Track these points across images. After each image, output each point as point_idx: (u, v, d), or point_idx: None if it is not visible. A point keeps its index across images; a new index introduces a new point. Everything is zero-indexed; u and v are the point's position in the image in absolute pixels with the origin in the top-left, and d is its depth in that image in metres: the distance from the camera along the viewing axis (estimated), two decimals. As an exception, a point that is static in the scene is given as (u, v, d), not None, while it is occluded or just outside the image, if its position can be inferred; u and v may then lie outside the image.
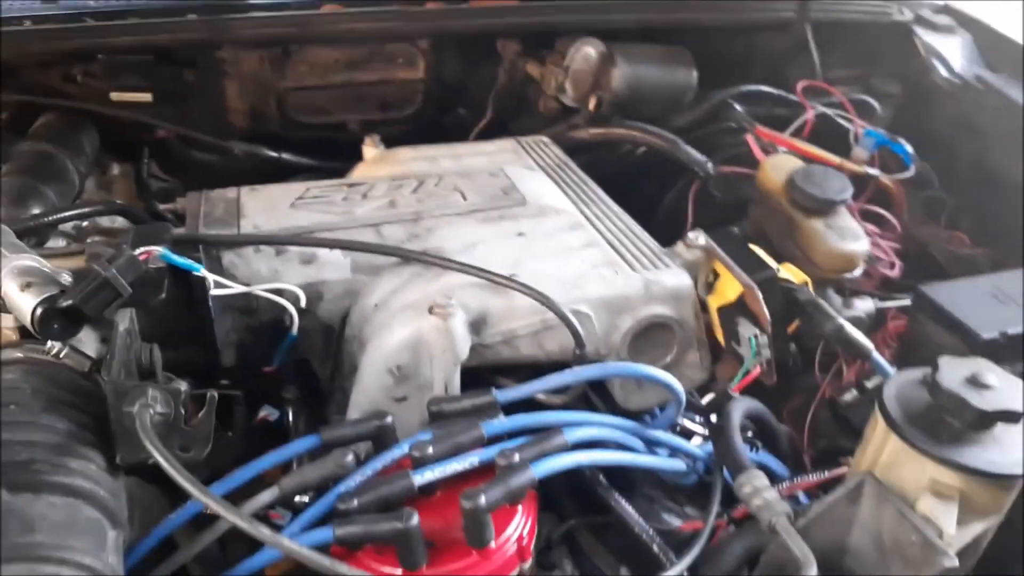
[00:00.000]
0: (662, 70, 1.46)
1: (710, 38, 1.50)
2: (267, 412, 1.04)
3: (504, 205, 1.12)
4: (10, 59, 1.20)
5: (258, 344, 1.00)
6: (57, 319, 0.74)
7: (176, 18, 1.24)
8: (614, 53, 1.41)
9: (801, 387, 1.22)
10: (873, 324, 1.24)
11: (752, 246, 1.04)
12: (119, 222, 1.16)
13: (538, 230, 1.08)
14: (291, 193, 1.14)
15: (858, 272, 1.24)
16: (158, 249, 0.82)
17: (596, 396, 0.98)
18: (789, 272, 1.01)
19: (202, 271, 0.88)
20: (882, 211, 1.40)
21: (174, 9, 1.26)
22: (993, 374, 0.81)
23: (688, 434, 1.04)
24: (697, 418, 1.03)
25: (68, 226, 1.12)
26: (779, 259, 1.21)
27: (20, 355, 0.77)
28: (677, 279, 0.97)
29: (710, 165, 1.42)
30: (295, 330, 0.96)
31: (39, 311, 0.73)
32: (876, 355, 0.94)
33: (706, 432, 1.03)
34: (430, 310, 0.88)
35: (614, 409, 0.97)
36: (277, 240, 0.99)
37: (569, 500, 0.91)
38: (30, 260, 0.79)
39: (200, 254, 0.96)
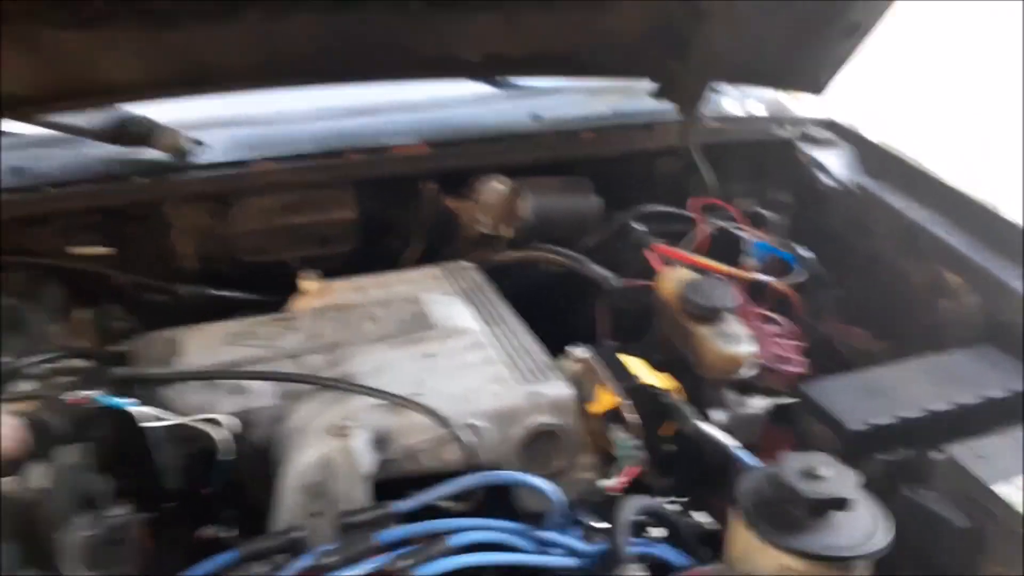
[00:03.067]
0: (564, 198, 1.63)
1: (609, 166, 1.68)
2: (213, 530, 1.14)
3: (413, 330, 1.26)
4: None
5: (202, 471, 1.12)
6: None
7: (123, 182, 1.41)
8: (521, 187, 1.59)
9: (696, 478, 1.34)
10: (774, 419, 1.36)
11: (623, 357, 1.17)
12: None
13: (443, 351, 1.22)
14: (225, 330, 1.27)
15: (749, 372, 1.36)
16: (91, 394, 0.94)
17: (501, 501, 1.10)
18: (660, 380, 1.14)
19: (132, 408, 1.00)
20: (772, 314, 1.54)
21: (121, 175, 1.43)
22: (828, 466, 0.94)
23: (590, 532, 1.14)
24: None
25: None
26: (683, 364, 1.35)
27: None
28: (558, 390, 1.10)
29: (615, 280, 1.57)
30: (225, 455, 1.08)
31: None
32: (736, 452, 1.06)
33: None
34: (333, 433, 1.00)
35: (516, 513, 1.08)
36: (201, 375, 1.12)
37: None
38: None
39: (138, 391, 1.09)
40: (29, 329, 1.35)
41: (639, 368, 1.15)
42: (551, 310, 1.58)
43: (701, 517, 1.39)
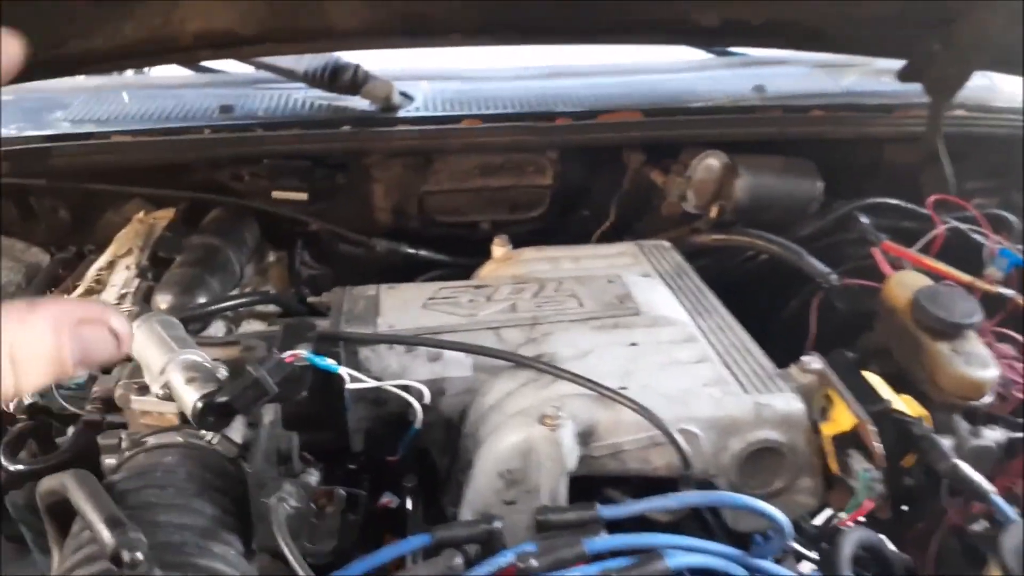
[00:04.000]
0: (785, 180, 1.48)
1: (836, 149, 1.51)
2: (389, 499, 1.11)
3: (619, 314, 1.17)
4: (189, 161, 1.37)
5: (385, 433, 1.08)
6: (213, 413, 0.84)
7: (332, 129, 1.38)
8: (737, 164, 1.45)
9: (926, 512, 1.18)
10: (1004, 455, 1.19)
11: (866, 374, 1.03)
12: (272, 307, 1.29)
13: (650, 341, 1.11)
14: (424, 293, 1.23)
15: (987, 399, 1.19)
16: (303, 352, 0.91)
17: (708, 514, 1.00)
18: (906, 404, 1.00)
19: (340, 370, 0.97)
20: (1015, 335, 1.35)
21: (331, 121, 1.40)
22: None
23: (799, 558, 1.03)
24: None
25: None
26: (903, 379, 1.20)
27: (180, 439, 0.87)
28: (789, 404, 0.98)
29: (834, 277, 1.42)
30: (419, 423, 1.03)
31: (199, 405, 0.83)
32: (996, 498, 0.91)
33: (817, 558, 1.02)
34: (540, 420, 0.93)
35: (723, 528, 0.98)
36: (407, 340, 1.07)
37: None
38: (195, 355, 0.89)
39: (339, 349, 1.06)
40: (231, 269, 1.36)
41: (883, 388, 1.01)
42: (750, 304, 1.45)
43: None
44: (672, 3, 1.25)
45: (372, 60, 1.47)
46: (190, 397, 0.84)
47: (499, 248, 1.43)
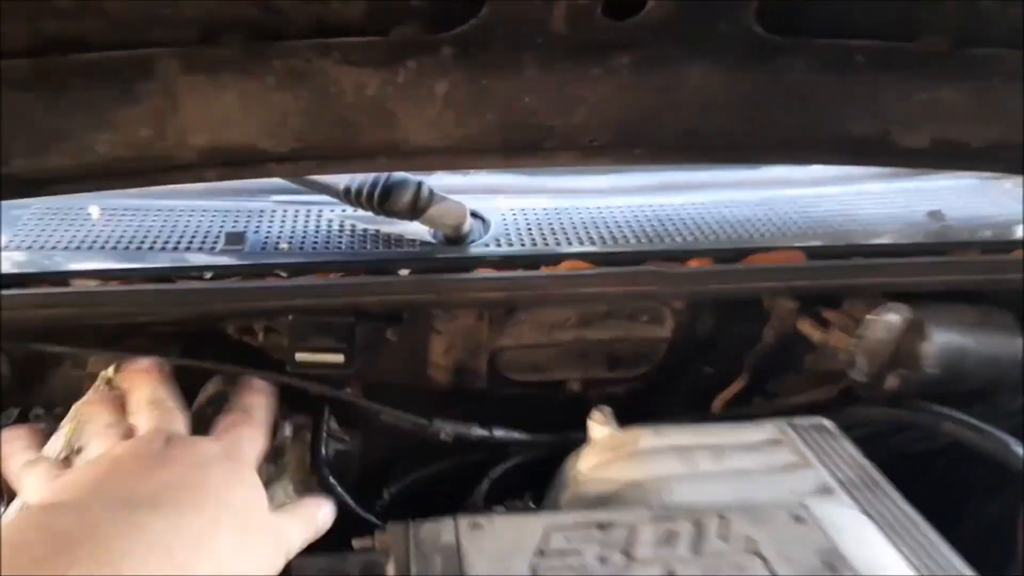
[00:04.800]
0: (984, 340, 1.11)
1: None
2: None
3: (829, 592, 0.78)
4: (181, 318, 0.97)
5: None
6: None
7: (386, 277, 0.99)
8: (924, 323, 1.08)
9: None
10: None
11: None
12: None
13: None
14: (526, 538, 0.83)
15: None
16: None
17: None
18: None
19: None
20: None
21: (383, 262, 1.00)
22: None
23: None
24: None
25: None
26: None
27: None
28: None
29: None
30: None
31: None
32: None
33: None
34: None
35: None
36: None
37: None
38: None
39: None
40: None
41: None
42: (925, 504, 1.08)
43: None
44: (875, 116, 0.88)
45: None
46: None
47: (599, 427, 1.05)
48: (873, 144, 0.91)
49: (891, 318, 1.08)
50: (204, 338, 1.04)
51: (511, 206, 1.14)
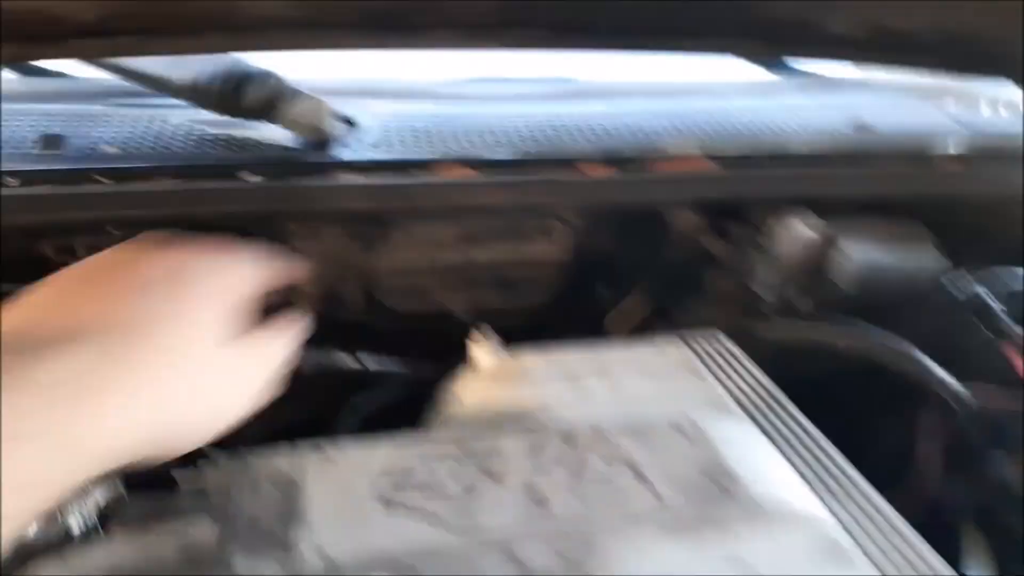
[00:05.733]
0: (900, 255, 1.03)
1: (960, 210, 1.08)
2: None
3: (707, 501, 0.69)
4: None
5: None
6: None
7: (230, 181, 0.84)
8: (837, 235, 1.00)
9: None
10: None
11: None
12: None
13: (766, 557, 0.65)
14: (373, 466, 0.72)
15: None
16: None
17: None
18: None
19: None
20: None
21: (228, 167, 0.86)
22: None
23: None
24: None
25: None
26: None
27: None
28: None
29: (968, 397, 0.99)
30: None
31: None
32: None
33: None
34: None
35: None
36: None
37: None
38: None
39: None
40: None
41: None
42: (833, 424, 1.01)
43: None
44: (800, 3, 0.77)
45: (287, 65, 0.94)
46: None
47: (482, 353, 0.94)
48: (795, 30, 0.80)
49: (802, 230, 0.99)
50: (18, 261, 0.88)
51: (387, 110, 1.00)
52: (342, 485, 0.70)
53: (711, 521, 0.68)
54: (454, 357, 0.96)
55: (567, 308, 1.10)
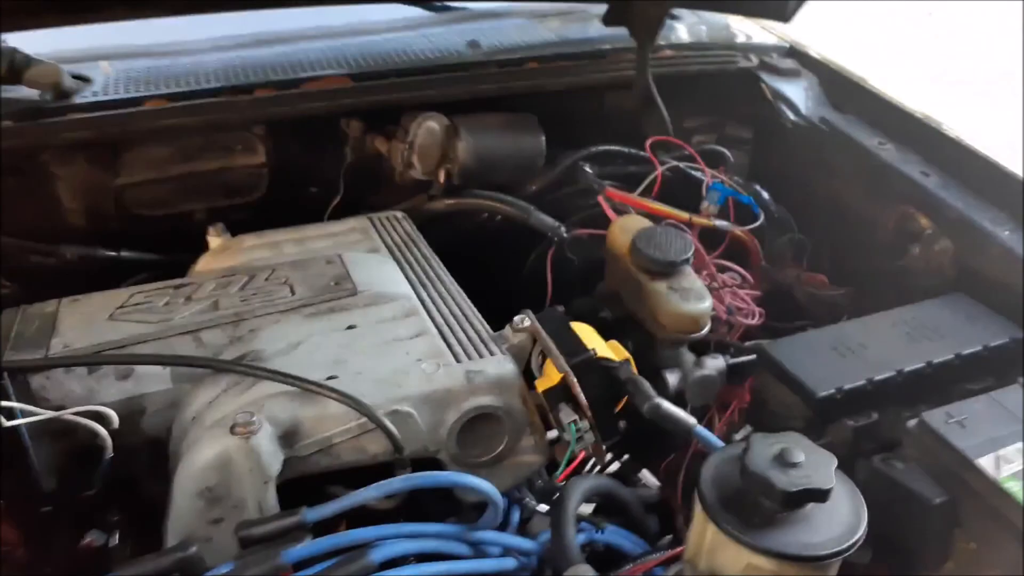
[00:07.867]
0: (508, 138, 1.46)
1: (559, 101, 1.51)
2: (92, 537, 1.00)
3: (334, 296, 1.10)
4: None
5: (80, 467, 0.97)
6: None
7: (-13, 127, 1.19)
8: (458, 126, 1.41)
9: (677, 444, 1.22)
10: (725, 380, 1.25)
11: (576, 325, 1.03)
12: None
13: (368, 321, 1.06)
14: (113, 301, 1.10)
15: (705, 330, 1.24)
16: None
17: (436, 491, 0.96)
18: (611, 350, 1.01)
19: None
20: (732, 265, 1.42)
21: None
22: (801, 450, 0.81)
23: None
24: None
25: None
26: (633, 321, 1.23)
27: None
28: (500, 367, 0.96)
29: (563, 229, 1.43)
30: (110, 451, 0.93)
31: None
32: (700, 430, 0.94)
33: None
34: (232, 429, 0.85)
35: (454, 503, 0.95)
36: (78, 360, 0.95)
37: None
38: None
39: (5, 380, 0.92)
40: None
41: (592, 338, 1.01)
42: (493, 265, 1.43)
43: (647, 477, 1.30)
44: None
45: (38, 40, 1.28)
46: None
47: (214, 238, 1.32)
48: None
49: (431, 125, 1.41)
50: None
51: (114, 67, 1.36)
52: (86, 314, 1.07)
53: (336, 308, 1.09)
54: (196, 248, 1.33)
55: (284, 203, 1.48)
